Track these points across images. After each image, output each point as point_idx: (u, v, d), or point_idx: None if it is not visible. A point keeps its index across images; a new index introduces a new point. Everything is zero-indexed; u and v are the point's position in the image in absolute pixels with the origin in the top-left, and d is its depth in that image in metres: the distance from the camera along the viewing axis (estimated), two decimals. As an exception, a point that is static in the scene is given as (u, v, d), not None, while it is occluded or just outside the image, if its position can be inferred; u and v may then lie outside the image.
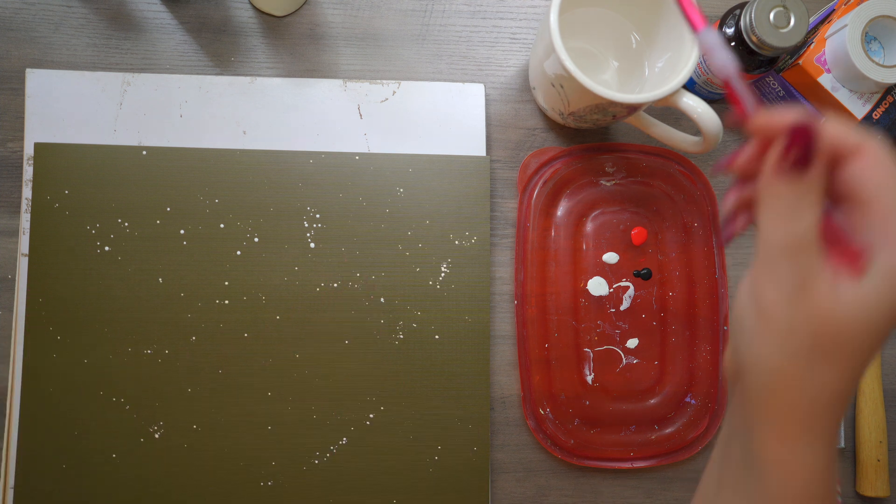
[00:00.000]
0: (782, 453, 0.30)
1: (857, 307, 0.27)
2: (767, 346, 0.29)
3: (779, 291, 0.28)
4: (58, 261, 0.52)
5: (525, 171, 0.54)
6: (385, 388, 0.52)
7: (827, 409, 0.29)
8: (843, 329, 0.27)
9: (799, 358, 0.28)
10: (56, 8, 0.54)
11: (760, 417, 0.30)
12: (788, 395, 0.29)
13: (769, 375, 0.29)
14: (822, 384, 0.28)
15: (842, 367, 0.28)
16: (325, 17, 0.56)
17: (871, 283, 0.27)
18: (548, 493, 0.54)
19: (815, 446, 0.29)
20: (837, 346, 0.28)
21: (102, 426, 0.51)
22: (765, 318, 0.29)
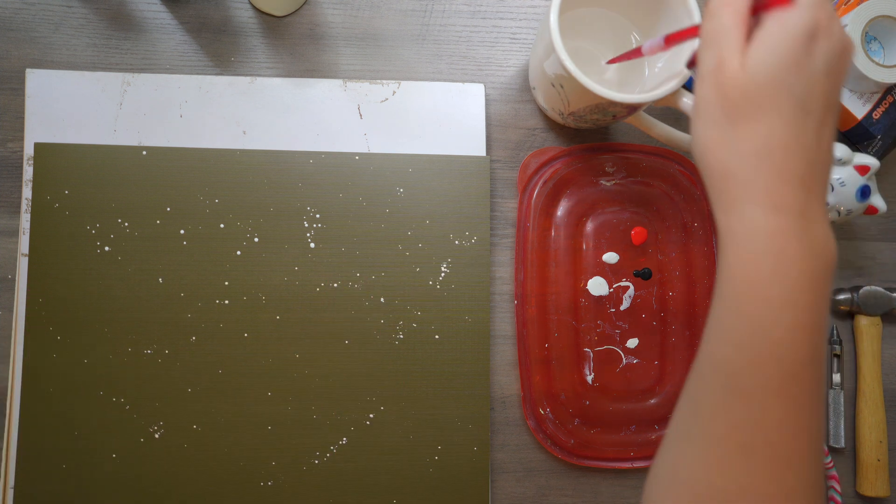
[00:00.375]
0: (730, 222, 0.33)
1: (754, 68, 0.32)
2: (697, 127, 0.34)
3: (701, 75, 0.34)
4: (58, 261, 0.52)
5: (525, 171, 0.54)
6: (385, 388, 0.52)
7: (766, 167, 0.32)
8: (748, 89, 0.32)
9: (718, 125, 0.33)
10: (56, 8, 0.54)
11: (712, 196, 0.34)
12: (720, 162, 0.33)
13: (702, 150, 0.34)
14: (750, 142, 0.32)
15: (766, 121, 0.32)
16: (325, 17, 0.56)
17: (763, 44, 0.32)
18: (548, 493, 0.54)
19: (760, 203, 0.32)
20: (751, 104, 0.32)
21: (102, 426, 0.51)
22: (695, 102, 0.34)
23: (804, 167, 0.32)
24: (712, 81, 0.33)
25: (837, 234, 0.58)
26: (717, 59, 0.33)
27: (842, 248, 0.58)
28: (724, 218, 0.33)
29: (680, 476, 0.34)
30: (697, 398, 0.34)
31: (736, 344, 0.32)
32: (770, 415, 0.31)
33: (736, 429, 0.32)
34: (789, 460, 0.31)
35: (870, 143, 0.53)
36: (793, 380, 0.31)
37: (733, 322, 0.32)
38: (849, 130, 0.53)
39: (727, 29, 0.33)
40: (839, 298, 0.56)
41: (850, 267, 0.58)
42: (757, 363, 0.32)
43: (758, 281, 0.32)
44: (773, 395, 0.31)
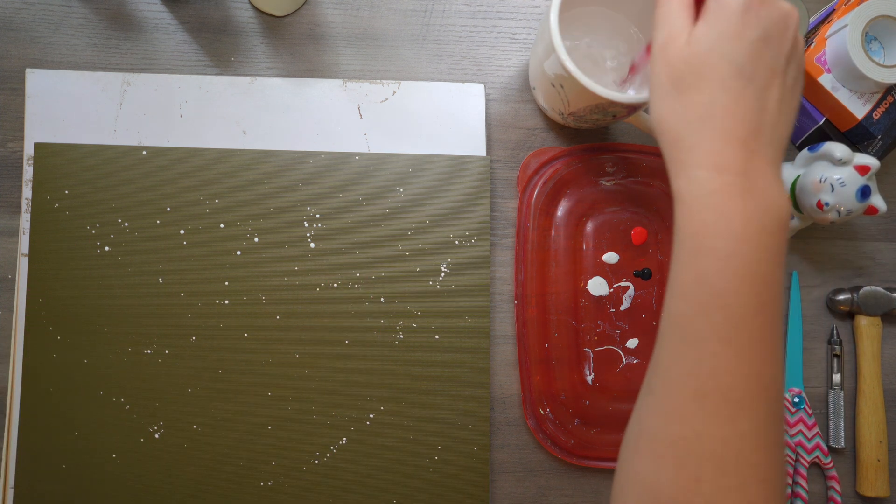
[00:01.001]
0: (679, 185, 0.35)
1: (697, 41, 0.35)
2: (652, 102, 0.37)
3: (653, 52, 0.37)
4: (58, 261, 0.52)
5: (525, 171, 0.54)
6: (385, 388, 0.52)
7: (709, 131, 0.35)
8: (692, 60, 0.35)
9: (669, 96, 0.36)
10: (56, 8, 0.54)
11: (667, 164, 0.37)
12: (671, 130, 0.36)
13: (657, 122, 0.37)
14: (695, 109, 0.35)
15: (708, 89, 0.35)
16: (325, 17, 0.56)
17: (705, 21, 0.35)
18: (548, 493, 0.54)
19: (704, 164, 0.35)
20: (695, 73, 0.35)
21: (102, 426, 0.51)
22: (650, 79, 0.37)
23: (747, 131, 0.35)
24: (662, 57, 0.36)
25: (837, 234, 0.58)
26: (666, 36, 0.36)
27: (842, 248, 0.58)
28: (675, 182, 0.36)
29: (641, 426, 0.35)
30: (658, 352, 0.36)
31: (686, 296, 0.34)
32: (720, 361, 0.33)
33: (689, 376, 0.33)
34: (741, 404, 0.33)
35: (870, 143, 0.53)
36: (739, 328, 0.33)
37: (682, 276, 0.35)
38: (849, 130, 0.53)
39: (675, 11, 0.37)
40: (839, 298, 0.56)
41: (850, 267, 0.58)
42: (704, 313, 0.33)
43: (702, 235, 0.34)
44: (723, 342, 0.33)
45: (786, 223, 0.35)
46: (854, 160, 0.50)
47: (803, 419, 0.55)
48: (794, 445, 0.55)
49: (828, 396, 0.56)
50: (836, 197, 0.50)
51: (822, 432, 0.56)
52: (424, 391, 0.52)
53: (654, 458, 0.34)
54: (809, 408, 0.56)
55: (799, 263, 0.57)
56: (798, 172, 0.53)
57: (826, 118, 0.53)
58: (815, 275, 0.57)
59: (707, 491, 0.32)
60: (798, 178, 0.53)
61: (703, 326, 0.33)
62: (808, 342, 0.57)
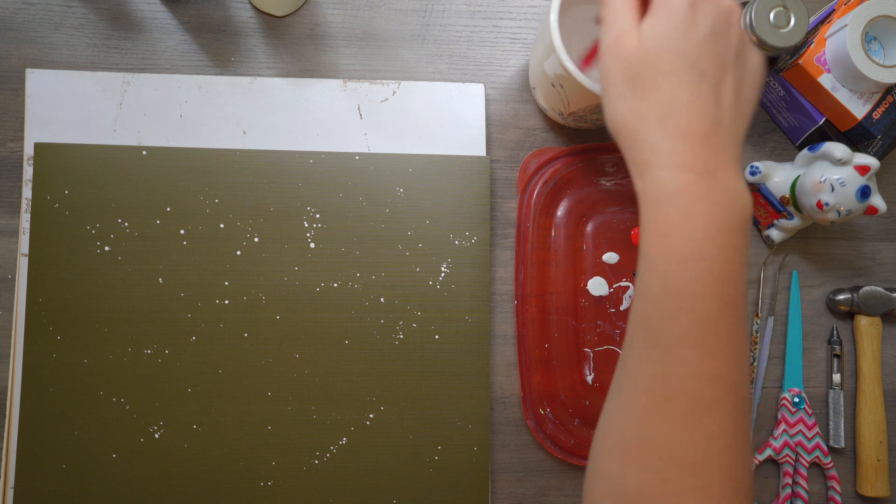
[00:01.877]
0: (643, 185, 0.35)
1: (649, 38, 0.35)
2: (607, 103, 0.37)
3: (603, 52, 0.36)
4: (58, 261, 0.52)
5: (525, 171, 0.54)
6: (385, 388, 0.52)
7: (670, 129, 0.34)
8: (646, 57, 0.35)
9: (624, 97, 0.35)
10: (56, 8, 0.54)
11: (629, 166, 0.36)
12: (630, 130, 0.35)
13: (614, 123, 0.36)
14: (653, 107, 0.34)
15: (665, 85, 0.34)
16: (325, 17, 0.56)
17: (654, 18, 0.35)
18: (548, 493, 0.54)
19: (666, 164, 0.34)
20: (650, 70, 0.35)
21: (102, 426, 0.51)
22: (601, 78, 0.37)
23: (706, 127, 0.34)
24: (613, 56, 0.36)
25: (837, 234, 0.58)
26: (615, 35, 0.36)
27: (842, 248, 0.58)
28: (639, 182, 0.35)
29: (610, 427, 0.36)
30: (626, 353, 0.36)
31: (652, 299, 0.34)
32: (686, 365, 0.33)
33: (656, 379, 0.33)
34: (708, 406, 0.33)
35: (870, 143, 0.53)
36: (707, 330, 0.33)
37: (649, 278, 0.34)
38: (849, 130, 0.53)
39: (621, 10, 0.36)
40: (839, 298, 0.56)
41: (850, 267, 0.58)
42: (671, 316, 0.33)
43: (667, 236, 0.34)
44: (689, 346, 0.33)
45: (748, 220, 0.35)
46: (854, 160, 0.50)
47: (803, 419, 0.55)
48: (795, 445, 0.55)
49: (828, 396, 0.56)
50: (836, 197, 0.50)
51: (822, 432, 0.56)
52: (424, 391, 0.52)
53: (622, 458, 0.34)
54: (809, 408, 0.56)
55: (799, 263, 0.57)
56: (798, 172, 0.53)
57: (826, 118, 0.53)
58: (815, 275, 0.57)
59: (673, 491, 0.32)
60: (798, 178, 0.53)
61: (669, 330, 0.33)
62: (808, 342, 0.57)
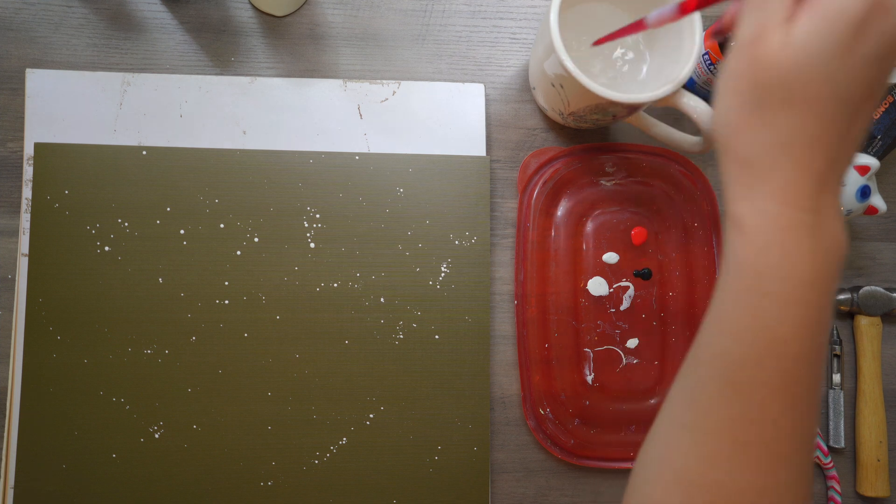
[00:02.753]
0: (741, 211, 0.31)
1: (797, 50, 0.28)
2: (723, 103, 0.31)
3: (738, 44, 0.30)
4: (58, 261, 0.52)
5: (525, 171, 0.54)
6: (385, 388, 0.52)
7: (787, 161, 0.30)
8: (786, 74, 0.28)
9: (746, 107, 0.30)
10: (56, 8, 0.54)
11: (725, 180, 0.32)
12: (741, 147, 0.31)
13: (724, 131, 0.31)
14: (776, 133, 0.29)
15: (798, 113, 0.29)
16: (325, 17, 0.56)
17: (811, 20, 0.28)
18: (548, 493, 0.54)
19: (775, 197, 0.30)
20: (786, 91, 0.29)
21: (102, 426, 0.51)
22: (725, 72, 0.31)
23: (825, 164, 0.30)
24: (748, 56, 0.30)
25: (837, 234, 0.58)
26: (759, 29, 0.29)
27: (842, 248, 0.58)
28: (735, 206, 0.32)
29: (672, 464, 0.33)
30: (694, 387, 0.33)
31: (737, 337, 0.31)
32: (768, 412, 0.31)
33: (732, 423, 0.31)
34: (784, 457, 0.31)
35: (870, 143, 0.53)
36: (793, 378, 0.31)
37: (736, 314, 0.31)
38: (849, 130, 0.53)
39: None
40: (839, 298, 0.56)
41: (850, 267, 0.58)
42: (757, 359, 0.31)
43: (765, 275, 0.30)
44: (773, 392, 0.31)
45: (843, 263, 0.32)
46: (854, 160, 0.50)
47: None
48: (794, 445, 0.55)
49: (828, 396, 0.56)
50: (836, 197, 0.50)
51: (822, 432, 0.56)
52: (424, 391, 0.52)
53: (683, 497, 0.32)
54: (809, 408, 0.55)
55: (799, 263, 0.57)
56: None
57: (826, 118, 0.53)
58: (815, 275, 0.57)
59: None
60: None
61: (753, 373, 0.31)
62: (808, 342, 0.57)
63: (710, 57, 0.51)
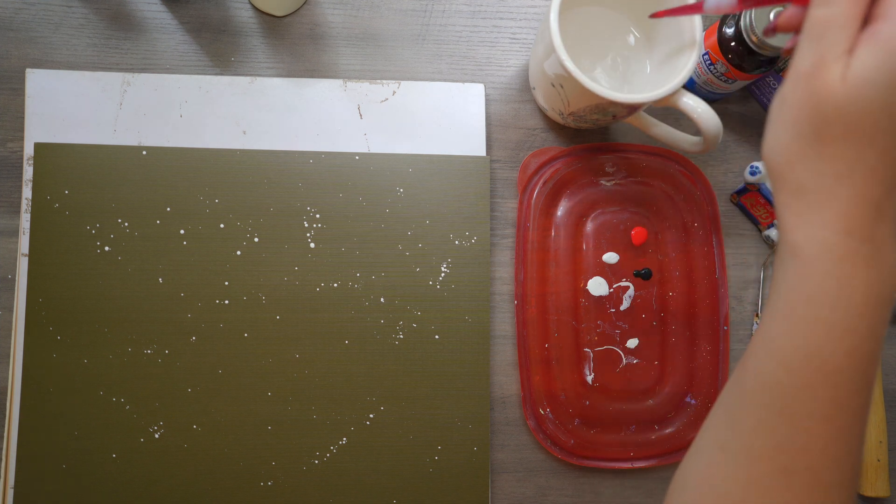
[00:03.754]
0: (796, 239, 0.31)
1: (857, 84, 0.27)
2: (778, 132, 0.31)
3: (795, 74, 0.29)
4: (58, 261, 0.52)
5: (525, 171, 0.54)
6: (385, 388, 0.52)
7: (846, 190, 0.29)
8: (845, 108, 0.28)
9: (802, 137, 0.30)
10: (56, 8, 0.54)
11: (778, 207, 0.31)
12: (796, 176, 0.30)
13: (778, 159, 0.31)
14: (834, 164, 0.29)
15: (857, 146, 0.28)
16: (325, 17, 0.56)
17: (873, 52, 0.27)
18: (548, 493, 0.54)
19: (831, 225, 0.30)
20: (845, 125, 0.28)
21: (102, 426, 0.51)
22: (780, 101, 0.30)
23: (882, 192, 0.30)
24: (807, 88, 0.29)
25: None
26: (818, 59, 0.29)
27: (842, 248, 0.58)
28: (791, 234, 0.31)
29: (714, 488, 0.33)
30: (738, 412, 0.33)
31: (787, 365, 0.31)
32: (816, 441, 0.30)
33: (778, 450, 0.31)
34: (829, 485, 0.31)
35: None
36: (843, 408, 0.30)
37: (787, 342, 0.31)
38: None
39: (839, 23, 0.28)
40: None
41: (850, 267, 0.58)
42: (808, 388, 0.31)
43: (819, 303, 0.30)
44: (821, 421, 0.30)
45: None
46: None
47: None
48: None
49: (828, 396, 0.56)
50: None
51: (822, 432, 0.56)
52: (424, 391, 0.52)
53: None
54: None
55: (799, 263, 0.57)
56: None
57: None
58: (815, 275, 0.57)
59: None
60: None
61: (803, 401, 0.31)
62: (808, 342, 0.57)
63: (710, 57, 0.51)
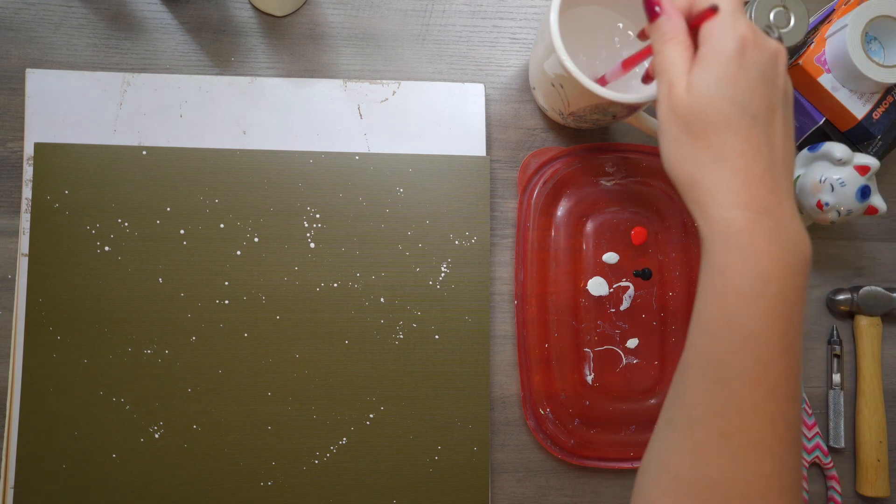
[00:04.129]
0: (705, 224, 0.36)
1: (698, 89, 0.35)
2: (662, 145, 0.38)
3: (658, 101, 0.38)
4: (58, 261, 0.52)
5: (525, 171, 0.54)
6: (385, 388, 0.52)
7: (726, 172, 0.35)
8: (696, 108, 0.35)
9: (679, 141, 0.36)
10: (56, 8, 0.54)
11: (687, 205, 0.37)
12: (686, 174, 0.36)
13: (670, 165, 0.37)
14: (708, 153, 0.35)
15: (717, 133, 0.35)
16: (325, 17, 0.56)
17: (701, 67, 0.36)
18: (548, 493, 0.54)
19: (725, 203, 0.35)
20: (701, 120, 0.35)
21: (102, 426, 0.51)
22: (659, 123, 0.38)
23: (761, 168, 0.35)
24: (667, 105, 0.37)
25: (837, 234, 0.58)
26: (668, 85, 0.37)
27: (842, 248, 0.58)
28: (700, 221, 0.36)
29: (665, 463, 0.36)
30: (681, 386, 0.36)
31: (713, 334, 0.34)
32: (746, 402, 0.33)
33: (715, 416, 0.34)
34: (766, 445, 0.33)
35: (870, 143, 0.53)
36: (767, 368, 0.33)
37: (711, 313, 0.35)
38: (849, 130, 0.53)
39: (672, 59, 0.37)
40: (839, 298, 0.56)
41: (850, 267, 0.58)
42: (733, 352, 0.34)
43: (730, 274, 0.34)
44: (750, 383, 0.33)
45: (808, 261, 0.35)
46: (854, 160, 0.50)
47: (803, 419, 0.55)
48: (794, 445, 0.55)
49: (828, 396, 0.56)
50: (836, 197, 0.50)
51: (822, 432, 0.56)
52: (424, 391, 0.52)
53: (678, 496, 0.34)
54: (809, 408, 0.56)
55: (799, 263, 0.57)
56: (798, 172, 0.53)
57: (826, 118, 0.53)
58: (815, 275, 0.57)
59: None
60: (798, 178, 0.52)
61: (731, 366, 0.34)
62: (808, 342, 0.57)
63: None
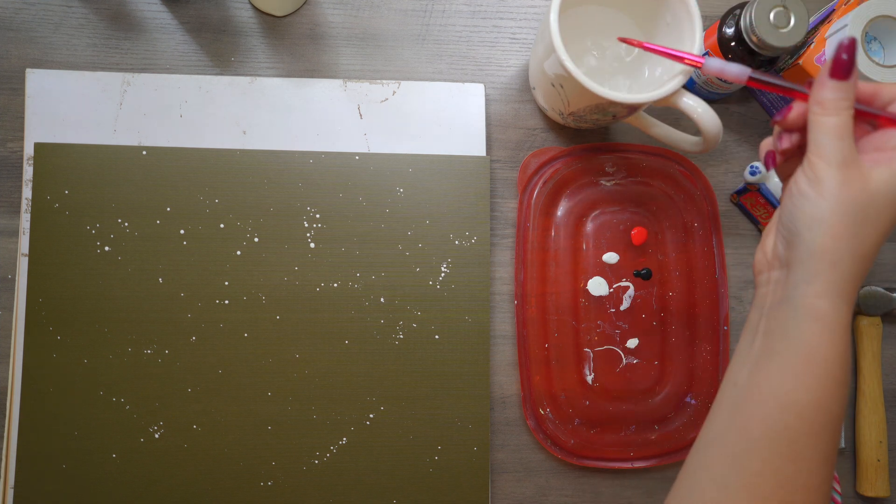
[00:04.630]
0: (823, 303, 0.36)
1: (879, 184, 0.35)
2: (821, 207, 0.36)
3: (829, 164, 0.36)
4: (58, 261, 0.52)
5: (525, 171, 0.54)
6: (385, 388, 0.52)
7: (859, 272, 0.36)
8: (877, 199, 0.35)
9: (847, 216, 0.35)
10: (56, 8, 0.54)
11: (809, 275, 0.36)
12: (834, 252, 0.36)
13: (822, 229, 0.36)
14: (863, 243, 0.35)
15: (876, 231, 0.36)
16: (325, 17, 0.56)
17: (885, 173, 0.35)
18: (548, 493, 0.54)
19: (848, 305, 0.36)
20: (875, 211, 0.35)
21: (102, 426, 0.51)
22: (818, 184, 0.36)
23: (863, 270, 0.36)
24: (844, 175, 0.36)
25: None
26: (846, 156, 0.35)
27: (842, 248, 0.58)
28: (818, 300, 0.36)
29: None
30: (743, 455, 0.36)
31: (800, 415, 0.35)
32: (815, 479, 0.35)
33: (781, 488, 0.35)
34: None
35: (870, 143, 0.53)
36: (835, 449, 0.36)
37: (803, 396, 0.35)
38: (849, 130, 0.53)
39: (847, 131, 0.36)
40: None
41: (850, 267, 0.58)
42: (816, 434, 0.35)
43: (834, 363, 0.35)
44: (823, 463, 0.36)
45: None
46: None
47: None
48: (795, 445, 0.55)
49: (828, 396, 0.56)
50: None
51: (822, 432, 0.56)
52: (424, 391, 0.52)
53: None
54: (809, 408, 0.55)
55: (799, 263, 0.57)
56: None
57: (826, 118, 0.53)
58: (815, 275, 0.57)
59: None
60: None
61: (813, 447, 0.35)
62: (808, 342, 0.57)
63: (710, 57, 0.51)
